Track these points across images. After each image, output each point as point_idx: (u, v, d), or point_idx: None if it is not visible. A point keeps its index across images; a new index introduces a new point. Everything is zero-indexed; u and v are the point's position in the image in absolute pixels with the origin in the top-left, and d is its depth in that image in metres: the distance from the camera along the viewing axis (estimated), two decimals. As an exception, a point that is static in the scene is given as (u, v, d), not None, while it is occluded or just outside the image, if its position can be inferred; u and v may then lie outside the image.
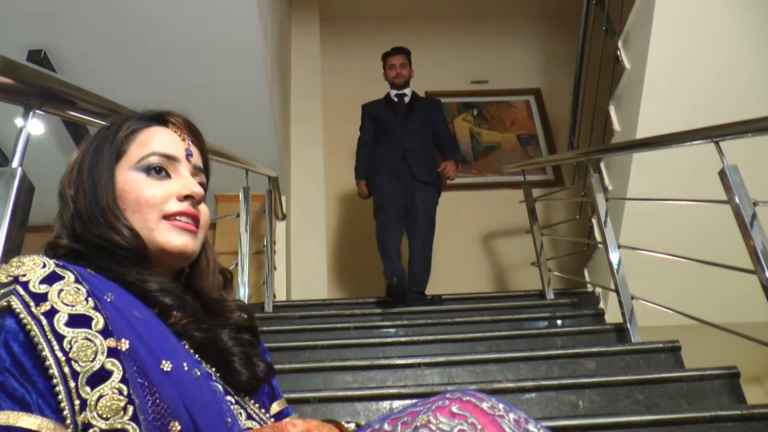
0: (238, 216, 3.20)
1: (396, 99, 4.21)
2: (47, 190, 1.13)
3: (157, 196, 0.93)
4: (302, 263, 4.64)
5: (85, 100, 1.11)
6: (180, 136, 1.01)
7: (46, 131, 3.82)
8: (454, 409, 0.68)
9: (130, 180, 0.93)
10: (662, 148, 2.69)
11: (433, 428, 0.66)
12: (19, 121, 3.42)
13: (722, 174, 2.16)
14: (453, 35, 5.98)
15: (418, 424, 0.67)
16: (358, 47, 5.11)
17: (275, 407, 1.02)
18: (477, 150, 5.45)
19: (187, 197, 0.95)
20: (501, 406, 0.69)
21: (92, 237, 0.89)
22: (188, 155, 0.99)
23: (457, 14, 6.02)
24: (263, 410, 0.97)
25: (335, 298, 4.41)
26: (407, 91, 4.24)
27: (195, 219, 0.96)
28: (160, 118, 1.02)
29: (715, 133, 2.23)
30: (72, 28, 3.12)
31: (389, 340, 2.88)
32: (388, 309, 3.49)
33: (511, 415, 0.68)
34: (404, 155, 3.92)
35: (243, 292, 3.04)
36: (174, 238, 0.93)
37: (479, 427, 0.66)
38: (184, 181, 0.97)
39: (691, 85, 3.16)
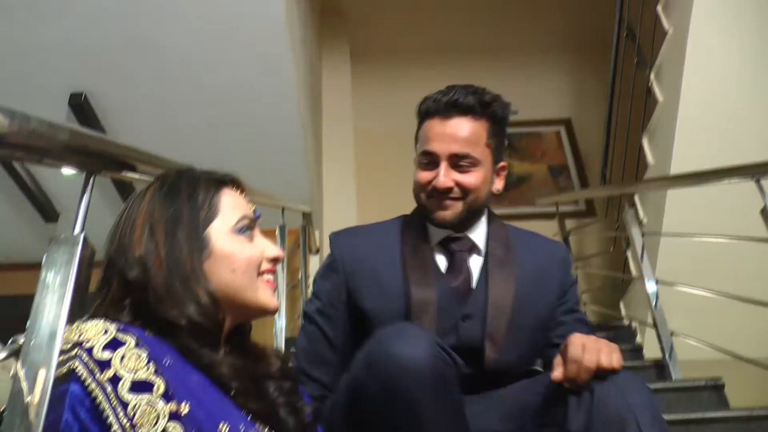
0: (275, 254, 3.22)
1: None
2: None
3: (254, 257, 0.97)
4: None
5: (145, 162, 1.15)
6: (246, 198, 1.05)
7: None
8: None
9: (232, 241, 0.97)
10: (700, 185, 2.65)
11: None
12: (66, 173, 3.46)
13: (764, 212, 2.13)
14: (482, 67, 5.98)
15: None
16: (388, 81, 5.16)
17: None
18: (508, 181, 5.40)
19: (273, 259, 1.01)
20: None
21: (165, 312, 0.89)
22: (257, 217, 1.04)
23: (486, 46, 6.04)
24: None
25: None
26: None
27: None
28: (224, 181, 1.04)
29: (755, 171, 2.18)
30: (111, 73, 3.23)
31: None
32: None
33: None
34: None
35: (280, 325, 3.06)
36: (272, 299, 0.99)
37: None
38: (267, 243, 1.02)
39: (726, 118, 3.14)
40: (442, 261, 1.53)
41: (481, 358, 1.37)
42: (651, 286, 2.94)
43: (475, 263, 1.52)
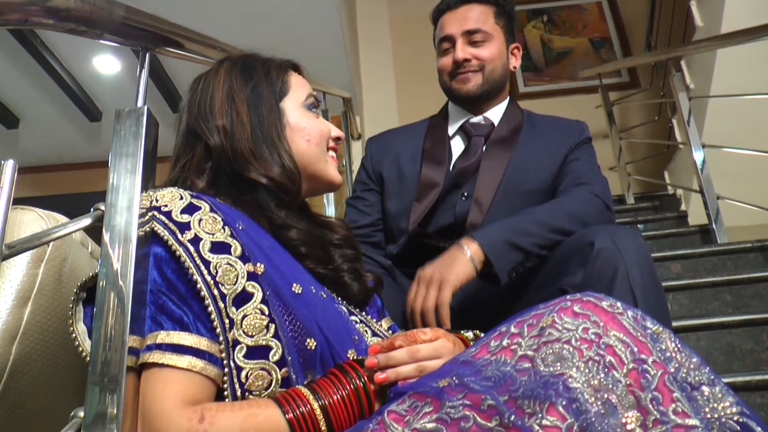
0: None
1: None
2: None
3: (324, 130, 1.04)
4: (380, 181, 4.71)
5: (194, 40, 1.18)
6: (308, 83, 1.09)
7: (122, 69, 4.00)
8: (576, 309, 0.72)
9: (304, 115, 1.02)
10: (753, 41, 2.51)
11: (559, 328, 0.70)
12: (102, 62, 3.47)
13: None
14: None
15: (544, 324, 0.71)
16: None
17: (384, 324, 1.08)
18: (548, 57, 5.29)
19: (336, 138, 1.07)
20: (619, 304, 0.73)
21: (248, 172, 0.95)
22: (319, 101, 1.08)
23: None
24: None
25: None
26: None
27: None
28: (288, 65, 1.09)
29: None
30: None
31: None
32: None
33: (630, 313, 0.72)
34: None
35: (330, 212, 3.14)
36: (337, 173, 1.05)
37: (601, 324, 0.69)
38: (331, 124, 1.07)
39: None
40: (459, 145, 1.65)
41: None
42: (698, 152, 2.91)
43: None
